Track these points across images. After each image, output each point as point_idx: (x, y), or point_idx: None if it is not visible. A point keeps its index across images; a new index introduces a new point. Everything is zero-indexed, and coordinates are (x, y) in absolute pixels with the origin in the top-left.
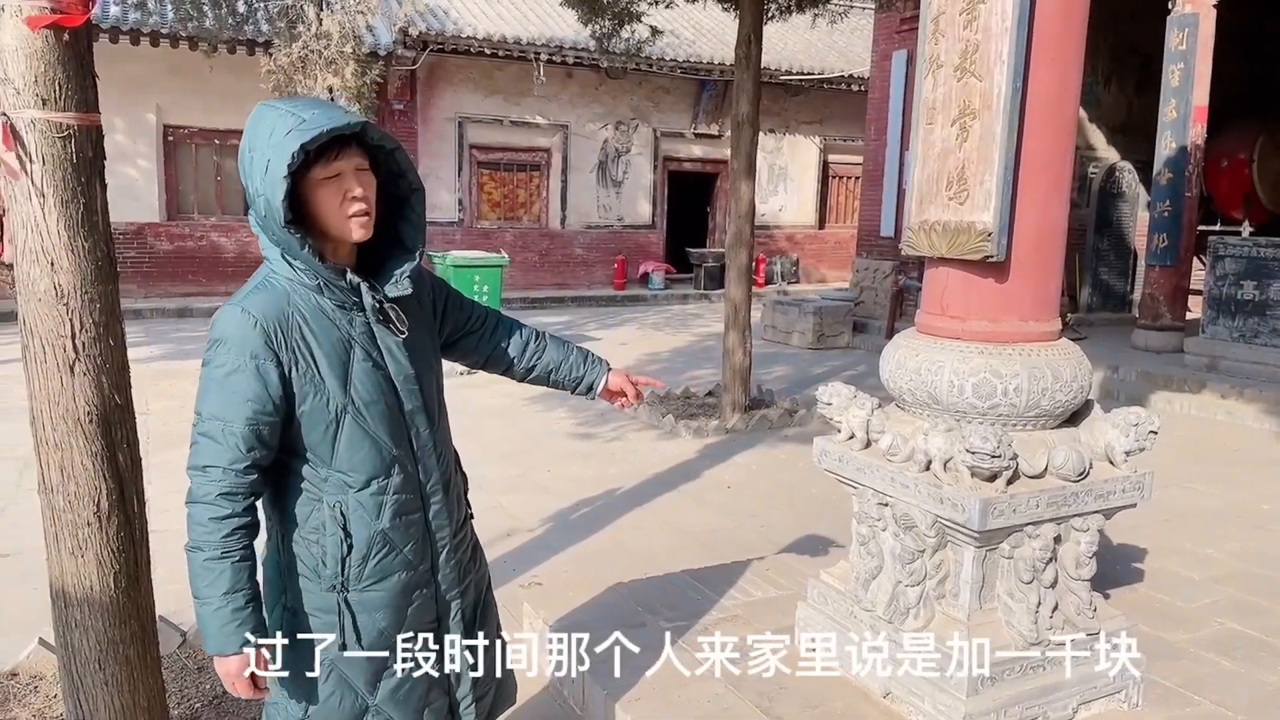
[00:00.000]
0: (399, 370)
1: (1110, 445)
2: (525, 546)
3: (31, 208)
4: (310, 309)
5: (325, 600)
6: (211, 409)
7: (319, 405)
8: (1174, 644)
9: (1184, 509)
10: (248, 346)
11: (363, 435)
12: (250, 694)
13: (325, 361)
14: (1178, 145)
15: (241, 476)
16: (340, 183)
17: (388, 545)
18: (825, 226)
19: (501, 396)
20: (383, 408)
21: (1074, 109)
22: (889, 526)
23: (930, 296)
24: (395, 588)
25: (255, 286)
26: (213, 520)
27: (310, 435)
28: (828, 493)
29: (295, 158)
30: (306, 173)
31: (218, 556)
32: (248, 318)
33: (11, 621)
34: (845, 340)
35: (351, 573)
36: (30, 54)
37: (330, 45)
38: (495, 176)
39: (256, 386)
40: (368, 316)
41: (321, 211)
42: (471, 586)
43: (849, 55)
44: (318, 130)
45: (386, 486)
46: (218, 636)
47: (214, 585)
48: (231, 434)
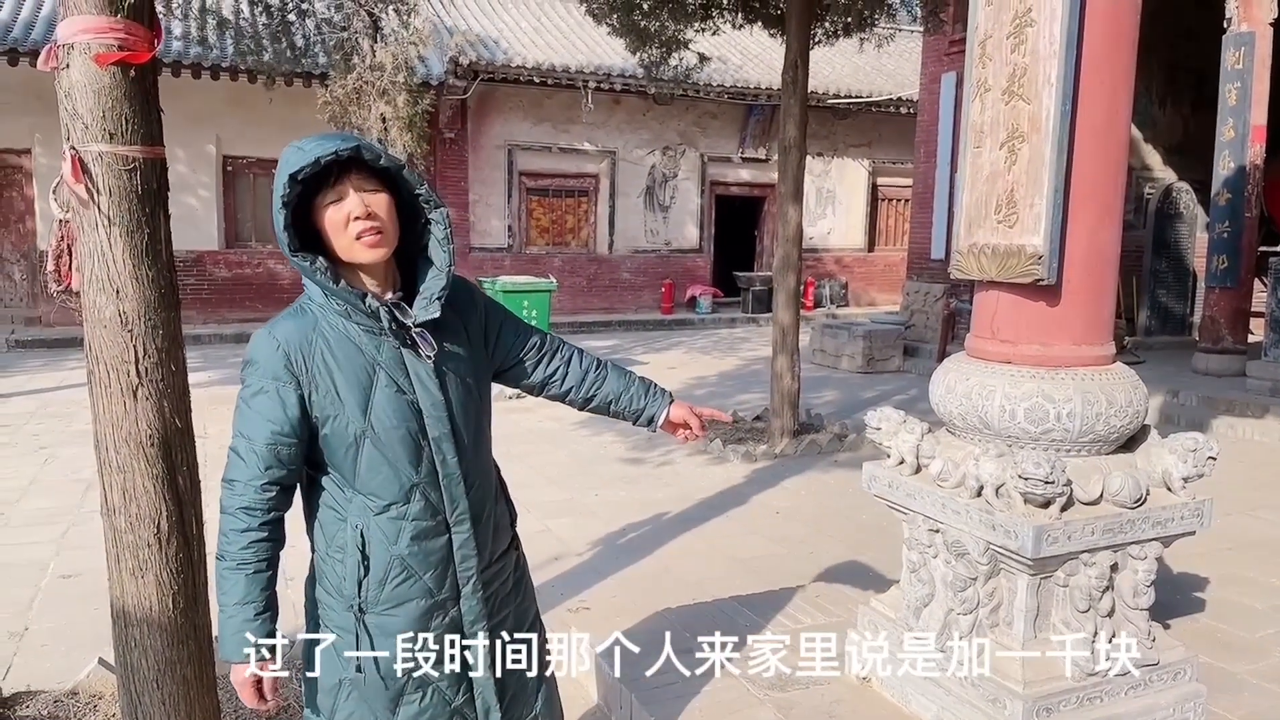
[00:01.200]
0: (427, 396)
1: (1168, 471)
2: (573, 571)
3: (98, 237)
4: (336, 335)
5: (345, 619)
6: (240, 427)
7: (339, 428)
8: (1236, 675)
9: (1247, 537)
10: (270, 369)
11: (381, 460)
12: (255, 703)
13: (346, 386)
14: (1236, 165)
15: (260, 493)
16: (343, 205)
17: (405, 571)
18: (874, 249)
19: (550, 420)
20: (403, 434)
21: (1125, 130)
22: (940, 553)
23: (980, 320)
24: (414, 614)
25: (288, 313)
26: (233, 531)
27: (333, 457)
28: (878, 519)
29: (286, 188)
30: (315, 199)
31: (234, 566)
32: (273, 341)
33: (73, 641)
34: (896, 364)
35: (369, 595)
36: (98, 90)
37: (384, 76)
38: (544, 203)
39: (276, 409)
40: (394, 341)
41: (329, 235)
42: (510, 617)
43: (897, 78)
44: (306, 160)
45: (405, 513)
46: (229, 643)
47: (229, 593)
48: (253, 452)
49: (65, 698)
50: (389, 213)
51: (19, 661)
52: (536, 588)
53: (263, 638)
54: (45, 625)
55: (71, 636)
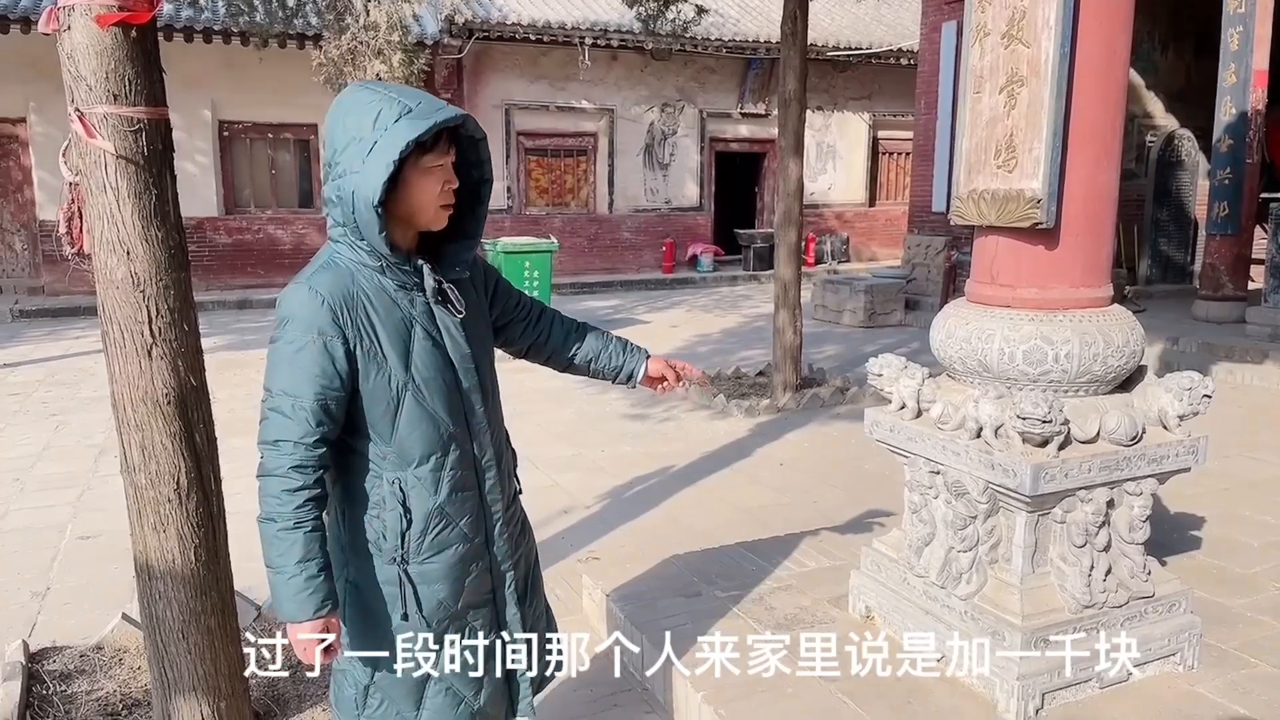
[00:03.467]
0: (456, 349)
1: (1164, 410)
2: (582, 523)
3: (107, 199)
4: (373, 288)
5: (387, 573)
6: (282, 385)
7: (381, 382)
8: (1231, 608)
9: (1245, 478)
10: (315, 323)
11: (422, 413)
12: (320, 660)
13: (388, 339)
14: (1238, 111)
15: (311, 450)
16: (443, 173)
17: (445, 520)
18: (875, 204)
19: (555, 379)
20: (441, 385)
21: (1124, 73)
22: (941, 494)
23: (980, 265)
24: (453, 559)
25: (321, 266)
26: (285, 492)
27: (372, 412)
28: (881, 468)
29: (409, 146)
30: (409, 159)
31: (290, 527)
32: (315, 295)
33: (95, 599)
34: (897, 318)
35: (411, 546)
36: (100, 51)
37: (378, 36)
38: (542, 163)
39: (324, 362)
40: (427, 297)
41: (418, 199)
42: (522, 559)
43: (897, 29)
44: (430, 122)
45: (444, 463)
46: (291, 604)
47: (288, 555)
48: (301, 409)
49: (91, 652)
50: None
51: (43, 619)
52: (547, 540)
53: (326, 594)
54: (67, 584)
55: (93, 594)
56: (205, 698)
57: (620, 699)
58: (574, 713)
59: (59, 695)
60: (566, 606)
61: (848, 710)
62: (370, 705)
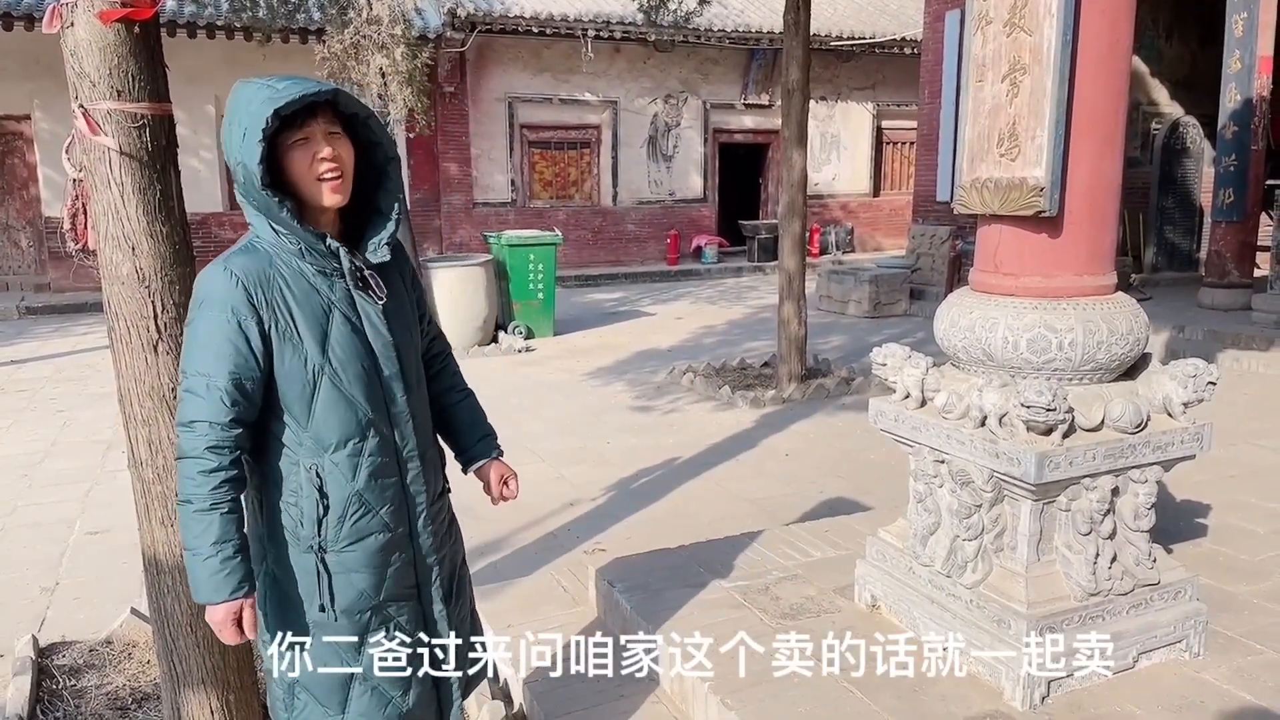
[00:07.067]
0: (377, 336)
1: (1168, 397)
2: (588, 515)
3: (111, 195)
4: (291, 272)
5: (305, 562)
6: (196, 365)
7: (296, 364)
8: (1237, 595)
9: (1251, 465)
10: (229, 303)
11: (339, 396)
12: (237, 639)
13: (304, 322)
14: (1242, 98)
15: (227, 430)
16: (310, 145)
17: (363, 506)
18: (880, 194)
19: (560, 373)
20: (360, 370)
21: (1126, 61)
22: (945, 483)
23: (983, 254)
24: (374, 548)
25: (239, 249)
26: (201, 474)
27: (288, 394)
28: (886, 459)
29: (270, 122)
30: (280, 138)
31: (207, 508)
32: (230, 276)
33: (103, 594)
34: (903, 308)
35: (329, 534)
36: (103, 48)
37: (381, 29)
38: (546, 155)
39: (238, 342)
40: (347, 282)
41: (294, 173)
42: (448, 557)
43: (900, 18)
44: (290, 97)
45: (362, 449)
46: (207, 585)
47: (203, 536)
48: (215, 389)
49: (100, 646)
50: (350, 160)
51: (52, 614)
52: (553, 532)
53: (243, 576)
54: (76, 579)
55: (101, 590)
56: (214, 691)
57: (626, 689)
58: (581, 704)
59: (69, 690)
60: (573, 598)
61: (853, 699)
62: (297, 705)
